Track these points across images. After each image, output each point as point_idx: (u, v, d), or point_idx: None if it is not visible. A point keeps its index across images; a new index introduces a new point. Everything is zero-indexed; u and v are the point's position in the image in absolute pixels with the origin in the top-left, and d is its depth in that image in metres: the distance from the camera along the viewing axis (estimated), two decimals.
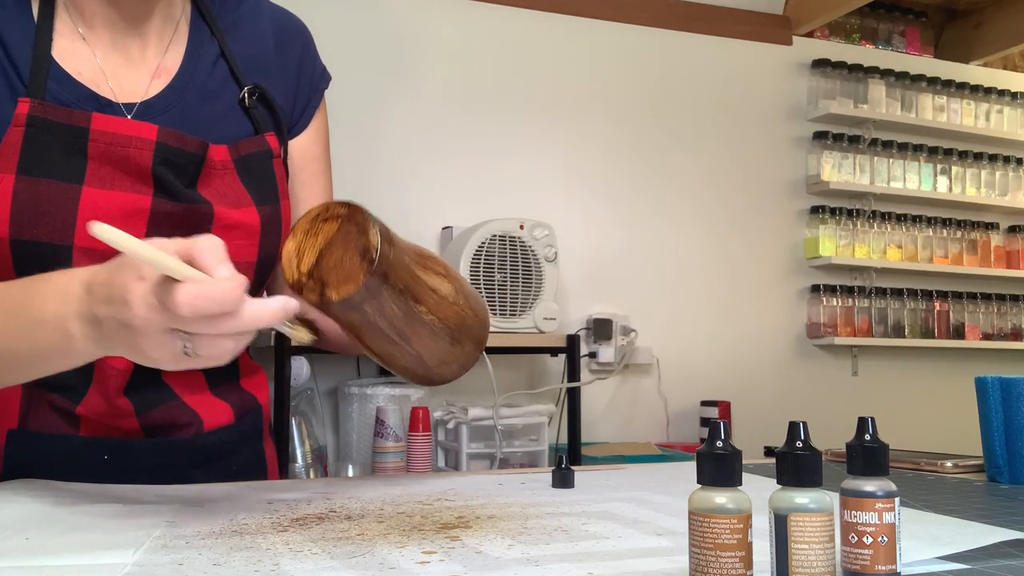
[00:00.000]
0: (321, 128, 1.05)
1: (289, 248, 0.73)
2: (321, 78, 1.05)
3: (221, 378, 0.97)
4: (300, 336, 0.71)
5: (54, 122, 0.84)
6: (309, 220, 0.73)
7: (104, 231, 0.57)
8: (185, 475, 0.89)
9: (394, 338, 0.77)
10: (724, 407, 2.98)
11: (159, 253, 0.59)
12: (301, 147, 1.02)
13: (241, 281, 0.61)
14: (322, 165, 1.05)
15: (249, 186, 0.92)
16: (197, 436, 0.93)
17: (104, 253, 0.82)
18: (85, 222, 0.83)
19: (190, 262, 0.62)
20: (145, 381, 0.90)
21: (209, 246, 0.62)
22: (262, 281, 0.96)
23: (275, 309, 0.63)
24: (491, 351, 2.41)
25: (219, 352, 0.63)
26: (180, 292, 0.59)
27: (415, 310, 0.77)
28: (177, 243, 0.62)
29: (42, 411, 0.89)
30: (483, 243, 2.48)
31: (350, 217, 0.72)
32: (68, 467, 0.86)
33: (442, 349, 0.83)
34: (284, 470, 2.20)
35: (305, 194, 1.02)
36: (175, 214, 0.87)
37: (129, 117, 0.89)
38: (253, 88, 0.95)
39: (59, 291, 0.68)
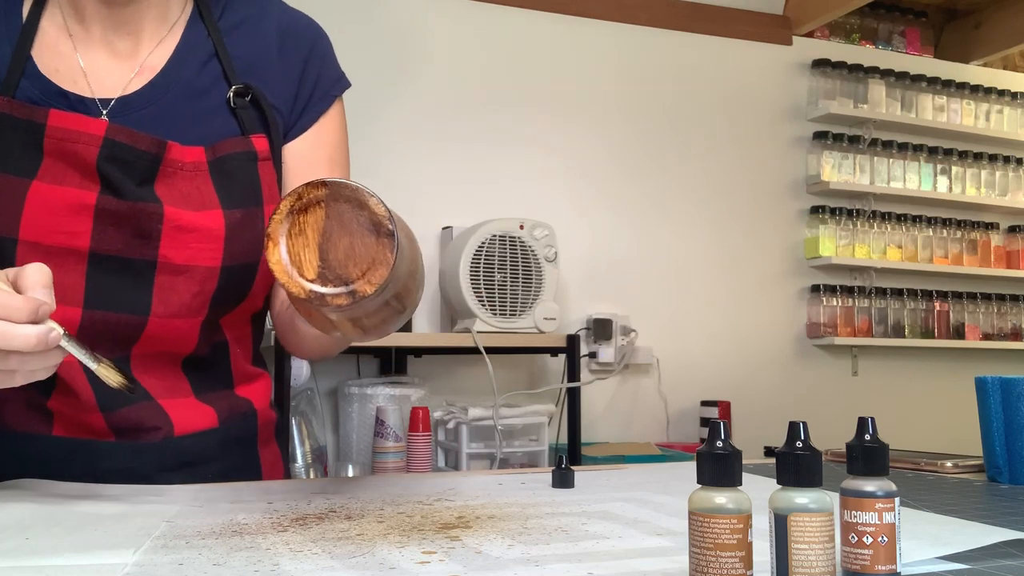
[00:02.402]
0: (326, 134, 1.00)
1: (277, 260, 0.61)
2: (334, 84, 1.01)
3: (212, 386, 0.95)
4: (111, 378, 0.70)
5: (17, 118, 0.84)
6: (282, 218, 0.62)
7: None
8: (155, 480, 0.87)
9: (395, 305, 0.68)
10: (724, 407, 2.98)
11: None
12: (296, 152, 0.98)
13: (28, 304, 0.65)
14: (323, 173, 0.98)
15: (220, 189, 0.89)
16: (167, 440, 0.90)
17: (49, 248, 0.82)
18: (31, 216, 0.83)
19: (15, 284, 0.68)
20: None
21: (33, 270, 0.67)
22: (237, 288, 0.92)
23: (28, 335, 0.66)
24: (491, 351, 2.41)
25: None
26: None
27: (409, 268, 0.68)
28: (11, 270, 0.68)
29: (18, 407, 0.88)
30: (483, 243, 2.48)
31: (335, 195, 0.62)
32: (38, 467, 0.85)
33: (419, 292, 0.74)
34: (287, 474, 2.19)
35: None
36: (120, 212, 0.85)
37: (104, 112, 0.88)
38: (243, 88, 0.93)
39: None
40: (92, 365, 0.70)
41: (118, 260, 0.86)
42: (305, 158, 0.98)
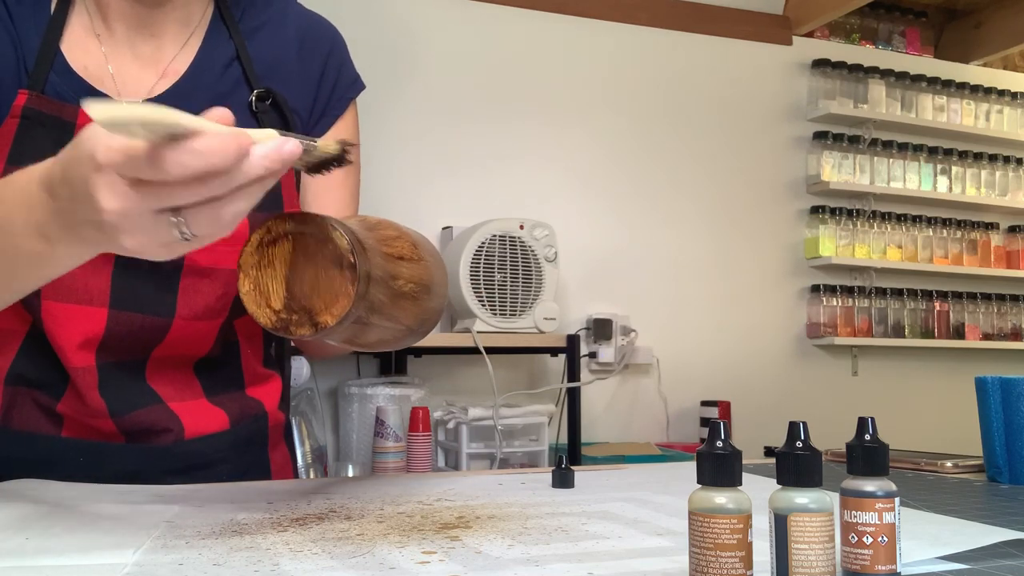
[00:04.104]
0: (343, 137, 1.02)
1: (247, 290, 0.64)
2: (349, 87, 1.02)
3: (223, 386, 0.95)
4: (330, 148, 0.61)
5: (47, 115, 0.84)
6: (253, 250, 0.64)
7: (98, 113, 0.48)
8: (163, 482, 0.86)
9: (385, 325, 0.71)
10: (724, 407, 2.98)
11: (155, 109, 0.50)
12: None
13: (236, 133, 0.53)
14: (339, 177, 1.00)
15: None
16: (177, 443, 0.89)
17: None
18: None
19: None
20: (126, 382, 0.88)
21: (214, 111, 0.55)
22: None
23: (271, 152, 0.54)
24: (491, 351, 2.41)
25: (219, 224, 0.55)
26: (165, 152, 0.51)
27: (395, 288, 0.70)
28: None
29: (26, 408, 0.88)
30: (483, 243, 2.48)
31: (301, 228, 0.64)
32: (46, 468, 0.85)
33: (423, 308, 0.77)
34: (295, 476, 2.18)
35: (317, 206, 0.98)
36: None
37: None
38: (264, 92, 0.94)
39: (21, 194, 0.62)
40: (311, 143, 0.60)
41: (144, 262, 0.86)
42: None
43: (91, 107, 0.48)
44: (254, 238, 0.64)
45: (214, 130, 0.52)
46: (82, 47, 0.89)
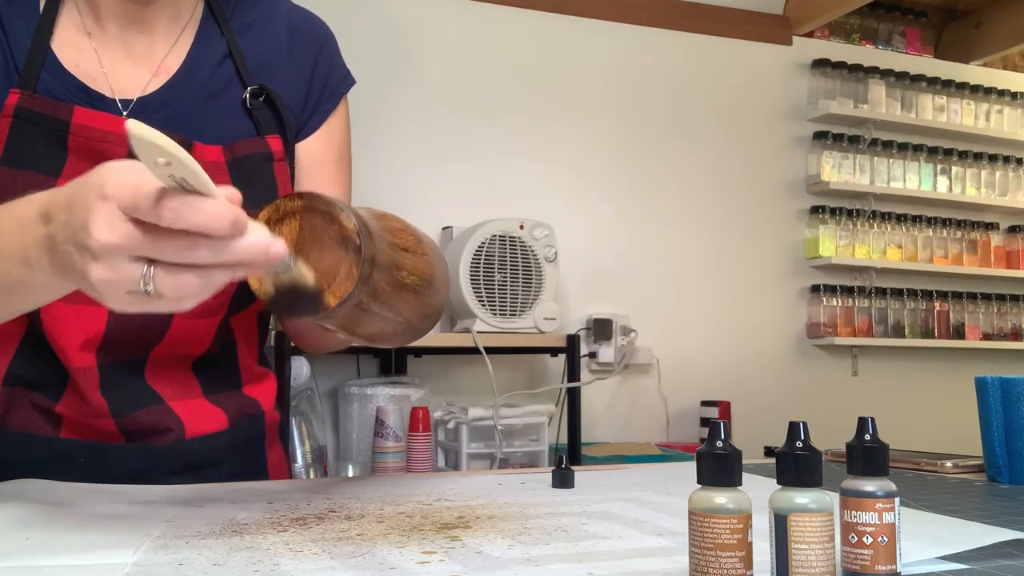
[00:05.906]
0: (335, 133, 1.02)
1: None
2: (340, 82, 1.02)
3: (221, 385, 0.95)
4: (307, 276, 0.61)
5: (40, 114, 0.84)
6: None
7: (136, 128, 0.50)
8: (164, 483, 0.86)
9: (386, 315, 0.71)
10: (724, 407, 2.98)
11: (186, 155, 0.52)
12: (308, 151, 0.99)
13: (240, 211, 0.54)
14: (332, 172, 1.01)
15: (239, 189, 0.89)
16: (178, 443, 0.89)
17: None
18: None
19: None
20: (126, 382, 0.88)
21: (225, 188, 0.57)
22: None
23: (260, 242, 0.55)
24: (491, 351, 2.41)
25: (180, 290, 0.55)
26: (171, 198, 0.52)
27: (399, 278, 0.69)
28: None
29: (24, 410, 0.88)
30: (483, 243, 2.48)
31: (309, 208, 0.64)
32: (46, 469, 0.84)
33: (424, 304, 0.77)
34: (291, 475, 2.18)
35: None
36: None
37: (125, 113, 0.88)
38: (258, 89, 0.94)
39: (16, 219, 0.63)
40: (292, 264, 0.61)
41: None
42: (316, 157, 1.00)
43: (131, 122, 0.49)
44: (262, 215, 0.64)
45: (223, 199, 0.54)
46: (73, 45, 0.89)
